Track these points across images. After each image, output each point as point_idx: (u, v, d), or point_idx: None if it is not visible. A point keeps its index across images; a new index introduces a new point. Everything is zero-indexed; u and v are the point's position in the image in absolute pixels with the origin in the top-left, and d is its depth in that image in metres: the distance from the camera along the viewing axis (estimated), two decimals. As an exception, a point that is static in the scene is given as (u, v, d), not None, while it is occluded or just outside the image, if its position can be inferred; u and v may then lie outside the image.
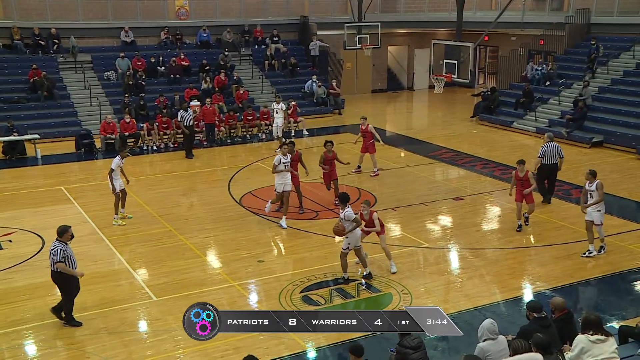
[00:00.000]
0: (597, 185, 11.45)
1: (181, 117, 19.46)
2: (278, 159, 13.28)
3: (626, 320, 9.34)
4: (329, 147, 14.53)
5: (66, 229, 9.34)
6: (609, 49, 23.82)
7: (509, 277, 11.13)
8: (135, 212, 14.48)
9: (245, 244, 12.61)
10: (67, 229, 9.36)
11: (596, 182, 11.45)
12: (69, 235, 9.33)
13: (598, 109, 21.42)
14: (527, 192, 12.75)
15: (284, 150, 13.46)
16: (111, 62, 24.60)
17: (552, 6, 27.26)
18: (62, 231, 9.30)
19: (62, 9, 25.50)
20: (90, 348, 8.95)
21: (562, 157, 14.48)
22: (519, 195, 12.84)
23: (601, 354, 6.59)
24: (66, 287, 9.32)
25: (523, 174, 12.71)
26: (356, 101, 28.76)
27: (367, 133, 16.65)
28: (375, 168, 16.86)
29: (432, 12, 29.83)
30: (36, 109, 22.17)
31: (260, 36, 27.84)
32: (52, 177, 17.63)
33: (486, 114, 24.25)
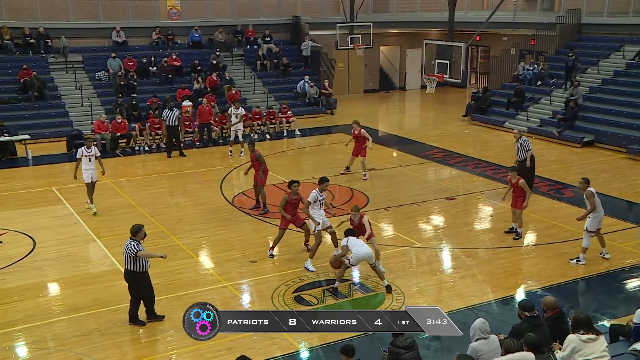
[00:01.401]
0: (586, 194, 11.19)
1: (165, 116, 19.41)
2: (314, 196, 11.36)
3: (617, 318, 9.40)
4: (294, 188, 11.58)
5: (139, 228, 9.33)
6: (600, 49, 23.99)
7: (501, 277, 11.17)
8: (127, 212, 14.44)
9: (238, 245, 12.59)
10: (140, 227, 9.36)
11: (586, 191, 11.18)
12: (142, 234, 9.33)
13: (589, 109, 21.54)
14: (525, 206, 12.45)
15: (323, 187, 11.48)
16: (102, 62, 24.50)
17: (543, 6, 27.40)
18: (135, 230, 9.30)
19: (52, 9, 25.35)
20: (82, 349, 8.91)
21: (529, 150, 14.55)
22: (514, 200, 12.70)
23: (593, 353, 6.63)
24: (137, 287, 9.33)
25: (515, 180, 12.44)
26: (348, 101, 28.79)
27: (359, 137, 16.53)
28: (365, 172, 16.74)
29: (424, 12, 29.90)
30: (27, 110, 22.04)
31: (252, 36, 27.81)
32: (43, 177, 17.54)
33: (478, 113, 24.34)
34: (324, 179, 11.52)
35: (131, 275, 9.29)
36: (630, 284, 10.93)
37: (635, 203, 15.01)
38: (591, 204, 11.15)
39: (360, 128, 16.59)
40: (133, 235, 9.27)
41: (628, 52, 22.79)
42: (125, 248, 9.25)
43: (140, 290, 9.39)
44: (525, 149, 14.42)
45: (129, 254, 9.17)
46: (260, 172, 14.06)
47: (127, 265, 9.27)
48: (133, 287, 9.39)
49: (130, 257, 9.17)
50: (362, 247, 10.26)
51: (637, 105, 20.58)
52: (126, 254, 9.22)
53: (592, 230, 11.31)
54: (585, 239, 11.39)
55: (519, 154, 14.54)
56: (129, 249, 9.18)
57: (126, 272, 9.36)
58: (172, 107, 19.48)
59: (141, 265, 9.24)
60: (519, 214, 12.64)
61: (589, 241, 11.39)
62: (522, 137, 14.70)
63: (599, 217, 11.28)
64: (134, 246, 9.16)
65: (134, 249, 9.15)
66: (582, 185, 11.31)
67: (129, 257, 9.18)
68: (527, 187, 12.48)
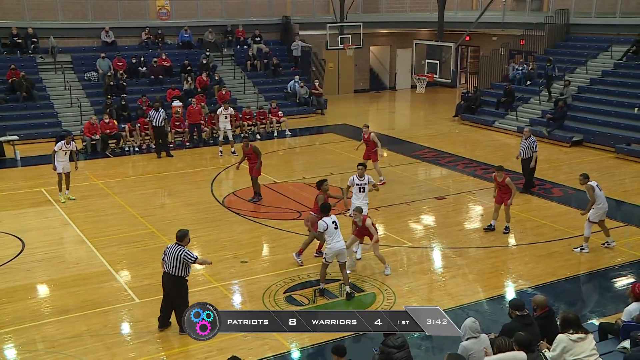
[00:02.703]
0: (586, 188, 11.80)
1: (151, 116, 19.34)
2: (352, 180, 11.99)
3: (606, 317, 9.46)
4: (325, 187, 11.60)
5: (185, 233, 9.07)
6: (588, 49, 24.15)
7: (492, 276, 11.23)
8: (117, 213, 14.39)
9: (229, 245, 12.57)
10: (187, 232, 9.09)
11: (585, 186, 11.79)
12: (187, 240, 9.07)
13: (578, 109, 21.68)
14: (510, 203, 12.70)
15: (361, 172, 11.99)
16: (92, 62, 24.37)
17: (532, 7, 27.54)
18: (182, 235, 9.02)
19: (40, 9, 25.18)
20: (72, 351, 8.86)
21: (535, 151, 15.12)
22: (499, 197, 12.88)
23: (582, 352, 6.66)
24: (185, 293, 9.06)
25: (501, 179, 12.64)
26: (339, 101, 28.81)
27: (369, 141, 16.05)
28: (381, 177, 16.16)
29: (413, 12, 29.96)
30: (15, 110, 21.89)
31: (242, 36, 27.75)
32: (32, 178, 17.42)
33: (468, 113, 24.43)
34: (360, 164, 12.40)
35: (180, 281, 8.99)
36: (618, 283, 11.01)
37: (623, 202, 15.12)
38: (591, 197, 11.71)
39: (370, 132, 16.08)
40: (180, 240, 8.97)
41: (616, 52, 22.96)
42: (174, 253, 8.85)
43: (186, 296, 9.07)
44: (532, 149, 14.99)
45: (186, 260, 8.85)
46: (257, 164, 14.56)
47: (176, 271, 8.88)
48: (181, 293, 9.03)
49: (184, 263, 8.86)
50: (338, 241, 10.10)
51: (625, 105, 20.74)
52: (179, 259, 8.84)
53: (594, 221, 11.78)
54: (587, 228, 11.89)
55: (524, 153, 15.05)
56: (185, 255, 8.84)
57: (174, 278, 8.94)
58: (158, 107, 19.30)
59: (188, 271, 9.04)
60: (506, 210, 12.88)
61: (590, 231, 11.88)
62: (532, 137, 15.22)
63: (602, 209, 11.80)
64: (189, 252, 8.91)
65: (192, 255, 8.92)
66: (582, 181, 11.87)
67: (183, 262, 8.85)
68: (512, 185, 12.72)
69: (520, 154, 15.32)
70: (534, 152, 15.02)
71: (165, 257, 9.01)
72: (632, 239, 12.88)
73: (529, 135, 15.16)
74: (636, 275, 11.09)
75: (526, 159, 15.14)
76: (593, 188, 11.70)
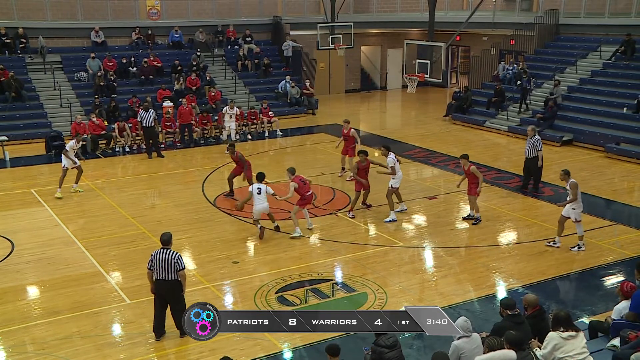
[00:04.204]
0: (570, 185, 11.81)
1: (140, 117, 19.27)
2: (392, 159, 13.79)
3: (596, 315, 9.53)
4: (362, 156, 14.01)
5: (171, 235, 8.90)
6: (577, 49, 24.30)
7: (483, 275, 11.26)
8: (108, 214, 14.32)
9: (220, 246, 12.54)
10: (171, 235, 8.94)
11: (569, 182, 11.80)
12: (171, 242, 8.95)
13: (568, 108, 21.80)
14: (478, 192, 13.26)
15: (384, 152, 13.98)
16: (81, 62, 24.23)
17: (522, 7, 27.65)
18: (168, 239, 8.83)
19: (29, 8, 25.00)
20: (62, 353, 8.81)
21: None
22: (468, 187, 13.41)
23: (573, 350, 6.71)
24: (182, 297, 8.92)
25: (467, 167, 13.17)
26: (330, 101, 28.81)
27: (348, 137, 16.55)
28: (344, 170, 16.91)
29: (404, 12, 30.03)
30: (4, 111, 21.72)
31: (233, 36, 27.69)
32: (22, 179, 17.31)
33: (459, 113, 24.50)
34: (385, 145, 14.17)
35: (177, 285, 8.82)
36: (608, 281, 11.08)
37: (612, 201, 15.22)
38: (574, 194, 11.77)
39: (350, 127, 16.62)
40: (167, 244, 8.78)
41: (605, 52, 23.10)
42: (167, 259, 8.67)
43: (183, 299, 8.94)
44: (536, 148, 15.07)
45: (178, 265, 8.71)
46: (245, 169, 14.87)
47: (171, 276, 8.70)
48: (180, 297, 8.89)
49: (178, 267, 8.72)
50: (262, 203, 12.32)
51: (614, 104, 20.87)
52: (174, 265, 8.68)
53: (580, 220, 11.93)
54: (578, 228, 12.01)
55: (529, 152, 15.19)
56: (177, 261, 8.72)
57: (171, 283, 8.75)
58: (148, 108, 19.24)
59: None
60: (473, 200, 13.33)
61: (582, 229, 12.02)
62: (536, 135, 15.28)
63: (579, 208, 11.91)
64: (181, 257, 8.78)
65: (183, 263, 8.78)
66: (563, 177, 11.96)
67: (177, 267, 8.70)
68: (478, 172, 13.16)
69: (525, 153, 15.35)
70: (539, 151, 15.05)
71: (156, 265, 8.74)
72: (621, 237, 12.97)
73: (534, 134, 15.13)
74: (625, 273, 11.16)
75: (531, 158, 15.18)
76: (577, 185, 11.80)
